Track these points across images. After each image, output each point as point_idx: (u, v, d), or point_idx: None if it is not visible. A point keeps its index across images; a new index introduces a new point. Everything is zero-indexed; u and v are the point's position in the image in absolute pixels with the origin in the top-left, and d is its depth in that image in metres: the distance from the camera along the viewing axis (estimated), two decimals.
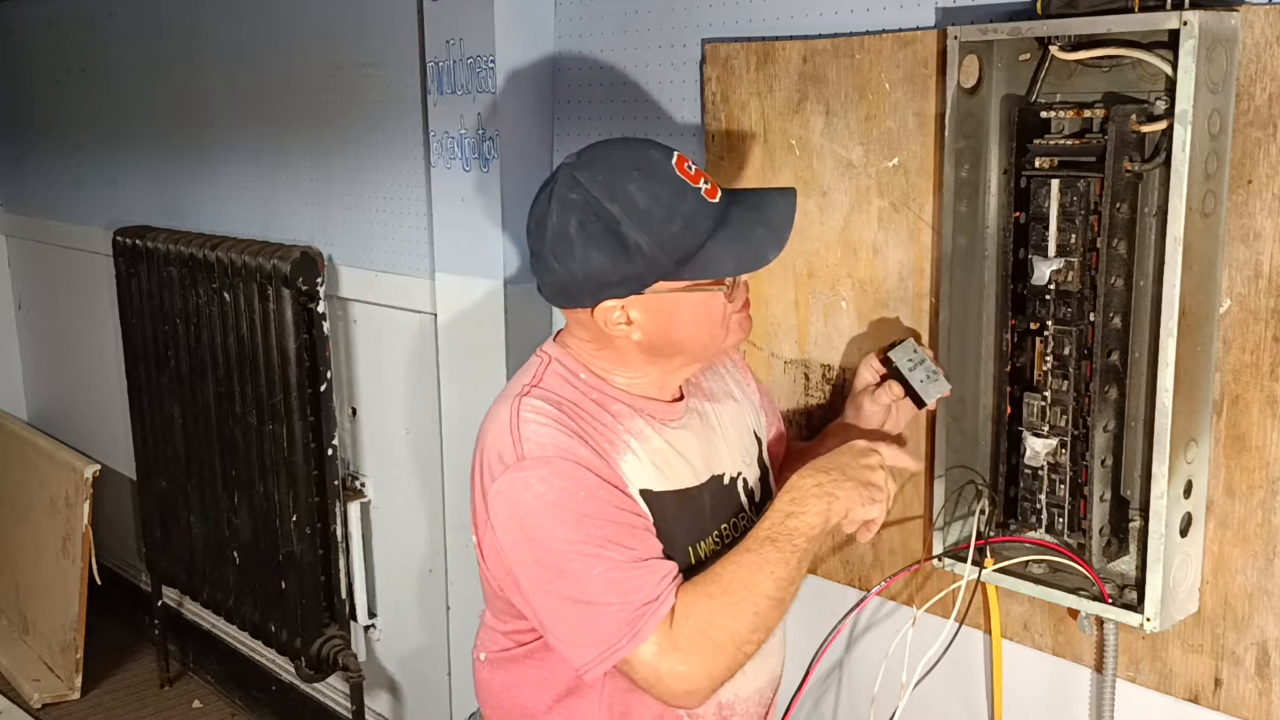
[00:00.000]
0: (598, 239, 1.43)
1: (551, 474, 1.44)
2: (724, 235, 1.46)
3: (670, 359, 1.54)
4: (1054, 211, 1.56)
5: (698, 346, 1.54)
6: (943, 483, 1.71)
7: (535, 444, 1.45)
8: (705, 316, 1.50)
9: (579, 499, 1.44)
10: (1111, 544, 1.60)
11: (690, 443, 1.58)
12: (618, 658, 1.42)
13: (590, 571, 1.42)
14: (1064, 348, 1.58)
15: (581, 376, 1.54)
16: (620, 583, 1.41)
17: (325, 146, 3.01)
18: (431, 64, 2.45)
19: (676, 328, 1.50)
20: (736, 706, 1.62)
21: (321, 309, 2.95)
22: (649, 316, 1.48)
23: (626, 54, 2.22)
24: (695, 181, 1.46)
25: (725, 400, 1.68)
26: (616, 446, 1.50)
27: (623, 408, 1.53)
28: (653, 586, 1.42)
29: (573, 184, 1.45)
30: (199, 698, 3.88)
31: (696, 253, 1.45)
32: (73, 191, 4.21)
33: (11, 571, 4.32)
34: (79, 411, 4.44)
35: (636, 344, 1.51)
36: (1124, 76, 1.54)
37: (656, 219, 1.43)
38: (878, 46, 1.77)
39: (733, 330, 1.54)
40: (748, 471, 1.65)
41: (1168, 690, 1.62)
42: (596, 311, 1.48)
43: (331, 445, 3.00)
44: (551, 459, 1.44)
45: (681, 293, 1.47)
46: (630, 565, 1.42)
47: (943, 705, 1.86)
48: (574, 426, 1.47)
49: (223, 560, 3.40)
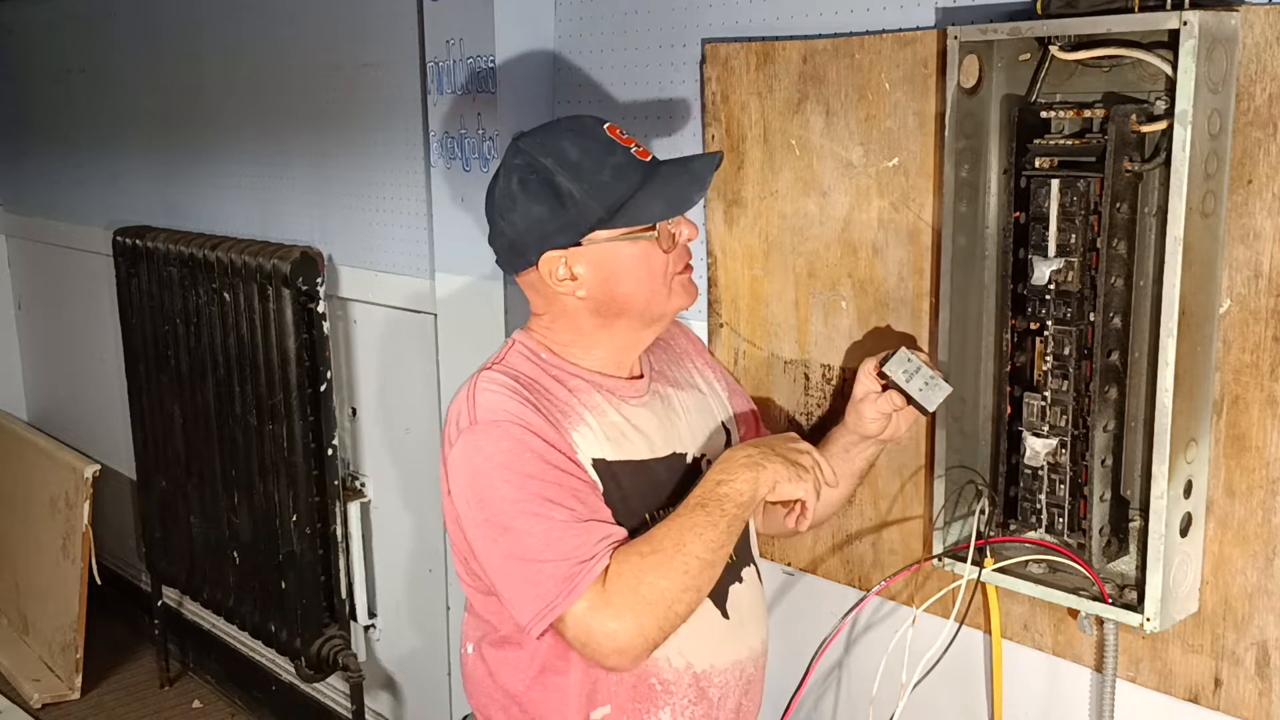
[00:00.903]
0: (536, 192, 1.55)
1: (500, 435, 1.52)
2: (652, 186, 1.56)
3: (617, 320, 1.61)
4: (1054, 211, 1.56)
5: (641, 303, 1.59)
6: (943, 483, 1.71)
7: (487, 409, 1.54)
8: (644, 270, 1.57)
9: (525, 459, 1.51)
10: (1111, 544, 1.60)
11: (649, 420, 1.65)
12: (555, 614, 1.47)
13: (533, 529, 1.49)
14: (1064, 348, 1.58)
15: (543, 355, 1.63)
16: (559, 541, 1.47)
17: (325, 146, 3.01)
18: (431, 64, 2.45)
19: (618, 281, 1.57)
20: (714, 678, 1.64)
21: (321, 309, 2.95)
22: (590, 270, 1.57)
23: (626, 54, 2.22)
24: (626, 143, 1.58)
25: (690, 389, 1.75)
26: (570, 418, 1.57)
27: (581, 383, 1.61)
28: (590, 546, 1.48)
29: (515, 151, 1.60)
30: (199, 698, 3.89)
31: (627, 201, 1.54)
32: (73, 191, 4.21)
33: (11, 571, 4.32)
34: (79, 411, 4.44)
35: (583, 303, 1.59)
36: (1124, 76, 1.54)
37: (587, 169, 1.54)
38: (878, 46, 1.77)
39: (675, 292, 1.61)
40: (713, 455, 1.69)
41: (1168, 690, 1.62)
42: (541, 264, 1.57)
43: (331, 445, 3.00)
44: (501, 422, 1.52)
45: (618, 242, 1.56)
46: (570, 524, 1.48)
47: (943, 705, 1.86)
48: (528, 397, 1.55)
49: (223, 560, 3.40)
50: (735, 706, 1.69)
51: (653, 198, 1.55)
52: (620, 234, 1.56)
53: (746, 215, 2.00)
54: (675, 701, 1.62)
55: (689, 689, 1.63)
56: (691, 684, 1.63)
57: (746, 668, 1.70)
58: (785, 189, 1.93)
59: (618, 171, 1.55)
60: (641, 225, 1.56)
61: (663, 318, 1.65)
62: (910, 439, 1.82)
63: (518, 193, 1.57)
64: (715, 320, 2.09)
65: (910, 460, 1.84)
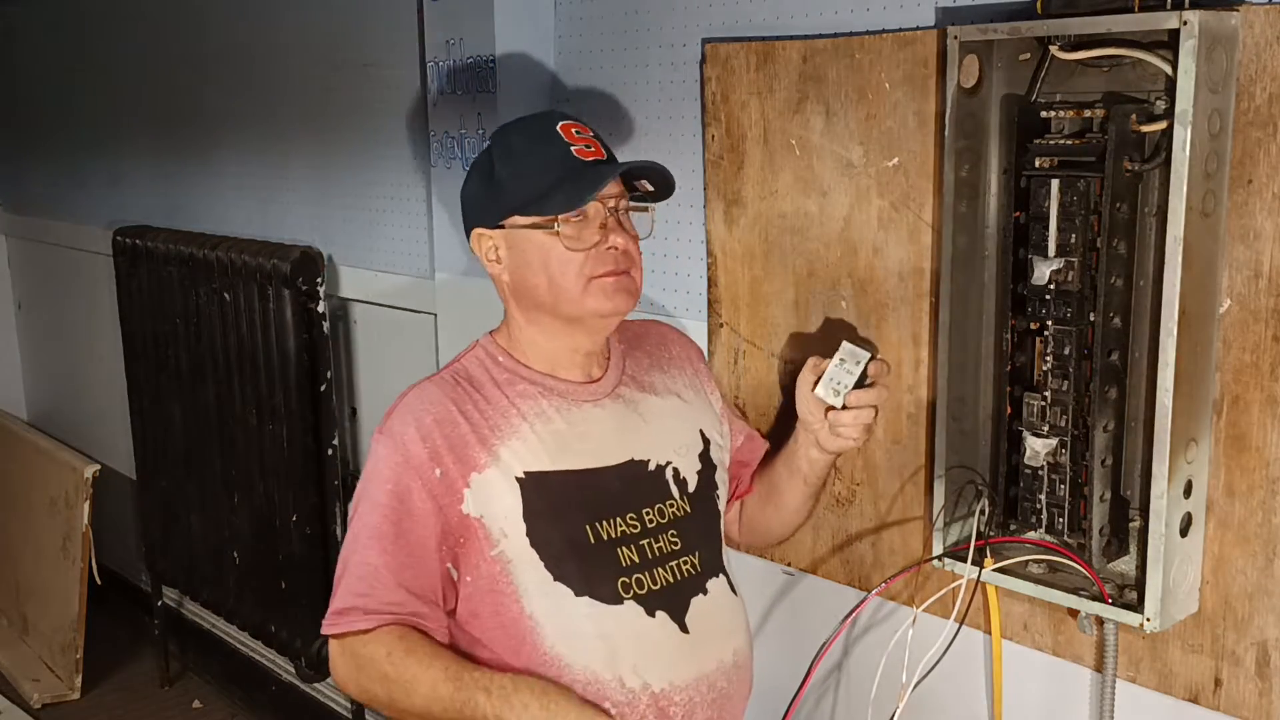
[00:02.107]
0: (479, 169, 1.67)
1: (385, 453, 1.59)
2: (568, 183, 1.58)
3: (538, 313, 1.63)
4: (1054, 211, 1.55)
5: (550, 296, 1.61)
6: (943, 483, 1.71)
7: (399, 417, 1.61)
8: (553, 262, 1.59)
9: (383, 489, 1.58)
10: (1111, 544, 1.60)
11: (603, 424, 1.65)
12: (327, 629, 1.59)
13: (355, 544, 1.59)
14: (1064, 348, 1.58)
15: (500, 360, 1.66)
16: (359, 575, 1.57)
17: (325, 146, 3.01)
18: (431, 64, 2.45)
19: (530, 270, 1.61)
20: (674, 696, 1.58)
21: (321, 309, 2.95)
22: (508, 253, 1.63)
23: (626, 54, 2.21)
24: (573, 140, 1.62)
25: (667, 396, 1.74)
26: (502, 430, 1.60)
27: (528, 387, 1.64)
28: (369, 601, 1.56)
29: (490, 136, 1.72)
30: (199, 698, 3.88)
31: (543, 194, 1.58)
32: (73, 191, 4.21)
33: (11, 571, 4.32)
34: (79, 411, 4.44)
35: (507, 286, 1.65)
36: (1124, 76, 1.54)
37: (518, 156, 1.62)
38: (878, 46, 1.77)
39: (592, 294, 1.59)
40: (680, 462, 1.69)
41: (1168, 690, 1.62)
42: (472, 238, 1.66)
43: (331, 445, 3.00)
44: (396, 439, 1.59)
45: (529, 230, 1.60)
46: (375, 568, 1.56)
47: (943, 705, 1.86)
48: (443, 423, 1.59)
49: (223, 560, 3.39)
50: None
51: (560, 195, 1.58)
52: (530, 223, 1.59)
53: (746, 215, 2.00)
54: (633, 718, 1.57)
55: (646, 709, 1.56)
56: (650, 704, 1.56)
57: (716, 682, 1.63)
58: (785, 189, 1.93)
59: (546, 164, 1.60)
60: (544, 217, 1.58)
61: (582, 319, 1.62)
62: (910, 439, 1.82)
63: (472, 170, 1.69)
64: (715, 320, 2.09)
65: (910, 460, 1.84)
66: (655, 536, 1.62)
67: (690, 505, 1.67)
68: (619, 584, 1.57)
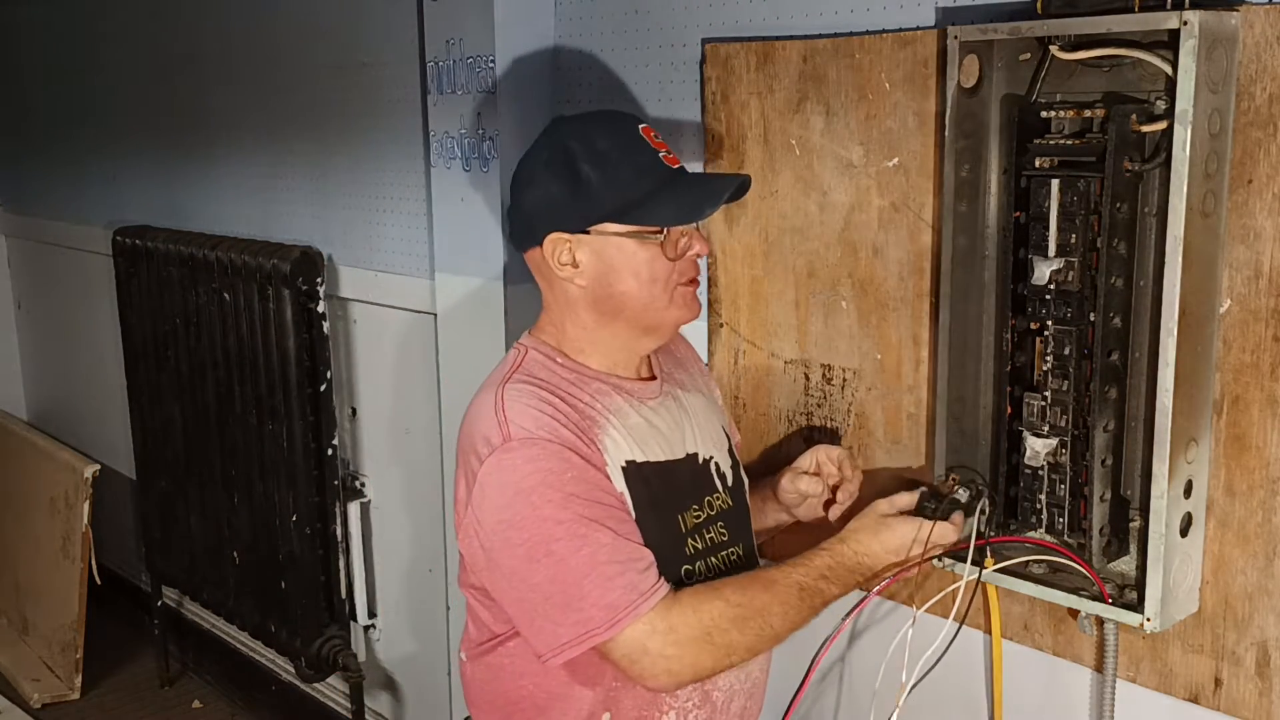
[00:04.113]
0: (557, 171, 1.56)
1: (539, 454, 1.49)
2: (669, 191, 1.56)
3: (614, 320, 1.60)
4: (1054, 211, 1.56)
5: (638, 305, 1.58)
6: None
7: (521, 427, 1.51)
8: (645, 271, 1.56)
9: (566, 480, 1.49)
10: (1111, 544, 1.60)
11: (665, 420, 1.65)
12: (593, 643, 1.47)
13: (577, 553, 1.47)
14: (1064, 348, 1.58)
15: (558, 360, 1.61)
16: (604, 567, 1.47)
17: (325, 146, 3.01)
18: (431, 64, 2.45)
19: (618, 277, 1.56)
20: (719, 681, 1.64)
21: (321, 309, 2.95)
22: (592, 260, 1.56)
23: (626, 54, 2.22)
24: (658, 147, 1.59)
25: (695, 392, 1.75)
26: (597, 423, 1.56)
27: (601, 385, 1.60)
28: (635, 576, 1.47)
29: (552, 129, 1.62)
30: (199, 698, 3.88)
31: (642, 202, 1.54)
32: (73, 191, 4.21)
33: (11, 571, 4.32)
34: (79, 411, 4.44)
35: (582, 294, 1.58)
36: (1124, 76, 1.54)
37: (611, 161, 1.55)
38: (878, 46, 1.77)
39: (676, 303, 1.60)
40: (719, 457, 1.71)
41: (1168, 690, 1.62)
42: (546, 244, 1.57)
43: (331, 445, 3.00)
44: (538, 440, 1.50)
45: (623, 238, 1.55)
46: (614, 550, 1.48)
47: (943, 705, 1.86)
48: (557, 408, 1.53)
49: (223, 560, 3.39)
50: (740, 710, 1.69)
51: (665, 203, 1.55)
52: (628, 231, 1.55)
53: (746, 215, 2.00)
54: (680, 705, 1.62)
55: (694, 693, 1.62)
56: (696, 688, 1.62)
57: (752, 671, 1.70)
58: (785, 189, 1.93)
59: (640, 170, 1.56)
60: (650, 227, 1.55)
61: (661, 326, 1.63)
62: (910, 440, 1.82)
63: (540, 170, 1.58)
64: (715, 320, 2.09)
65: (910, 460, 1.84)
66: (709, 527, 1.65)
67: (731, 498, 1.70)
68: (683, 571, 1.60)
